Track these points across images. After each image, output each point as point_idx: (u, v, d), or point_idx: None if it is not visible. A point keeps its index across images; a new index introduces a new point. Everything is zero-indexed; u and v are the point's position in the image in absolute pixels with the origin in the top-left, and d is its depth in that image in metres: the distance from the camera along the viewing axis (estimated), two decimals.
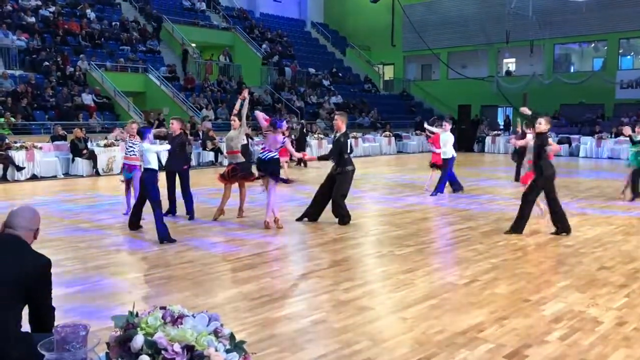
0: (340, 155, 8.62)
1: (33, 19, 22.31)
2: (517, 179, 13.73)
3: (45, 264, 2.84)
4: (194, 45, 27.44)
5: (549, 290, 5.42)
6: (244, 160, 9.07)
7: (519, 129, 14.91)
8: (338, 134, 8.78)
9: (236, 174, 8.80)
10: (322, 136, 21.98)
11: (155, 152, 7.64)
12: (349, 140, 8.84)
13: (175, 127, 9.14)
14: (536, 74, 28.52)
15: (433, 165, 12.20)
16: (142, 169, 7.80)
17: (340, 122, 8.71)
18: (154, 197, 7.41)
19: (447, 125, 11.98)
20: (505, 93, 29.45)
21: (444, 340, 4.17)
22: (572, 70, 30.36)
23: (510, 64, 32.58)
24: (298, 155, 9.96)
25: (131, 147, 9.07)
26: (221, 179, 8.99)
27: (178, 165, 9.11)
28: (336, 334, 4.30)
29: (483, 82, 29.97)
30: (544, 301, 5.08)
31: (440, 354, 3.94)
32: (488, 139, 25.49)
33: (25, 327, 2.89)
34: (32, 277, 2.74)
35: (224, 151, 9.75)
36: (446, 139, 11.75)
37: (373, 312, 4.80)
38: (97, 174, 15.66)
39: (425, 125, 13.50)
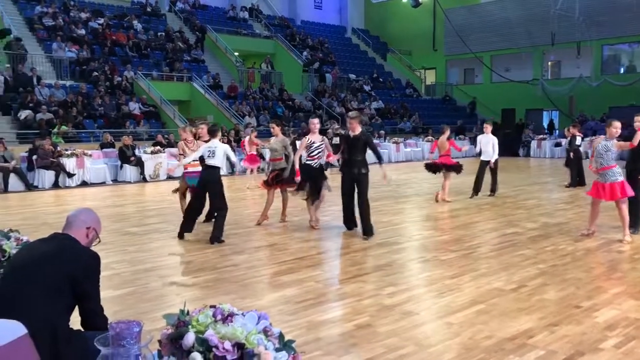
0: (365, 154, 8.11)
1: (83, 31, 23.10)
2: (573, 184, 13.32)
3: (90, 256, 2.85)
4: (236, 53, 27.86)
5: (602, 296, 5.24)
6: (286, 166, 9.04)
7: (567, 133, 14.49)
8: (357, 133, 8.05)
9: (280, 180, 8.86)
10: None
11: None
12: None
13: (203, 132, 8.93)
14: (583, 76, 27.77)
15: (442, 169, 11.36)
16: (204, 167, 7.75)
17: (355, 124, 8.10)
18: (222, 195, 7.60)
19: (488, 128, 11.75)
20: (551, 96, 28.79)
21: (492, 346, 4.08)
22: (621, 72, 29.42)
23: (554, 66, 31.85)
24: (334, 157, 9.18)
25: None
26: (264, 185, 9.10)
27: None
28: (381, 339, 4.26)
29: (527, 85, 29.37)
30: (597, 308, 4.92)
31: None
32: (533, 143, 24.94)
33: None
34: (77, 271, 2.74)
35: (267, 158, 9.73)
36: (487, 141, 11.56)
37: (418, 317, 4.75)
38: (144, 180, 16.04)
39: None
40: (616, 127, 7.44)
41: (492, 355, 3.93)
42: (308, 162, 8.51)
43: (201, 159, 7.92)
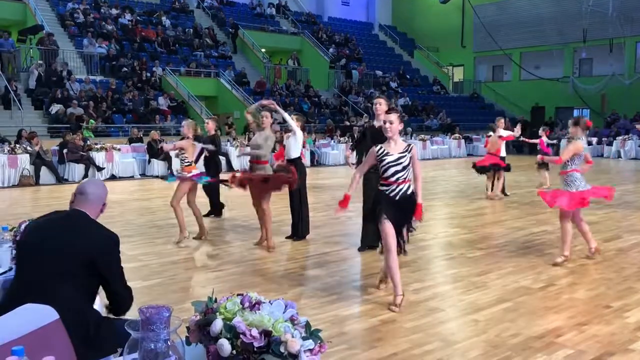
0: None
1: (113, 27, 23.44)
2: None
3: (109, 237, 2.77)
4: (263, 50, 27.97)
5: (633, 297, 5.13)
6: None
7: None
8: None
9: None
10: None
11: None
12: None
13: (210, 126, 8.99)
14: (616, 73, 27.18)
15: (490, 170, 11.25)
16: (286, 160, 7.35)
17: (383, 107, 6.50)
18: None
19: (502, 123, 11.46)
20: (582, 94, 28.24)
21: (519, 344, 4.03)
22: None
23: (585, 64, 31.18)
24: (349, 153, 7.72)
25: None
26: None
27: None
28: (406, 334, 4.24)
29: (558, 82, 28.85)
30: (628, 308, 4.82)
31: (515, 358, 3.81)
32: (563, 142, 24.47)
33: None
34: (97, 252, 2.68)
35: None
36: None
37: (444, 314, 4.71)
38: (172, 174, 16.21)
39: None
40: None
41: (519, 353, 3.88)
42: (382, 188, 4.83)
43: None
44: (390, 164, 4.73)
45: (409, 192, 4.77)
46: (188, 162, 7.33)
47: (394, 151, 4.76)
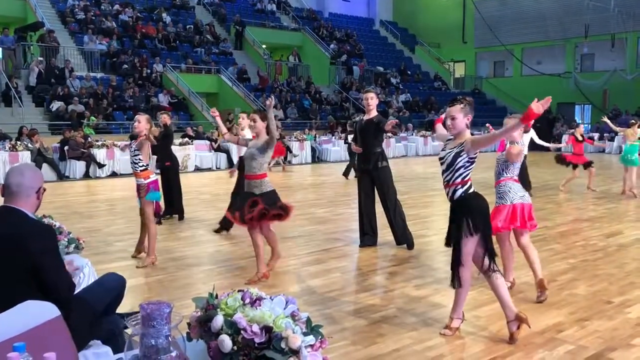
0: (381, 144, 6.78)
1: (113, 24, 23.42)
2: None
3: (42, 226, 2.63)
4: (264, 46, 27.94)
5: (634, 292, 5.13)
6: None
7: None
8: (371, 116, 6.55)
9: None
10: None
11: None
12: None
13: (165, 119, 8.92)
14: (617, 69, 27.13)
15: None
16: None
17: (373, 102, 6.56)
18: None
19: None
20: (584, 90, 28.19)
21: (521, 340, 4.02)
22: None
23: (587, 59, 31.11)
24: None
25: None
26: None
27: (161, 162, 8.94)
28: (408, 330, 4.25)
29: (559, 78, 28.80)
30: (629, 304, 4.81)
31: (516, 353, 3.81)
32: (565, 138, 24.44)
33: None
34: (34, 249, 2.54)
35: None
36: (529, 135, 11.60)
37: (445, 310, 4.69)
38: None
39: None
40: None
41: (520, 349, 3.88)
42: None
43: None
44: (440, 162, 4.10)
45: (456, 196, 4.03)
46: (143, 165, 6.18)
47: (447, 148, 4.10)
